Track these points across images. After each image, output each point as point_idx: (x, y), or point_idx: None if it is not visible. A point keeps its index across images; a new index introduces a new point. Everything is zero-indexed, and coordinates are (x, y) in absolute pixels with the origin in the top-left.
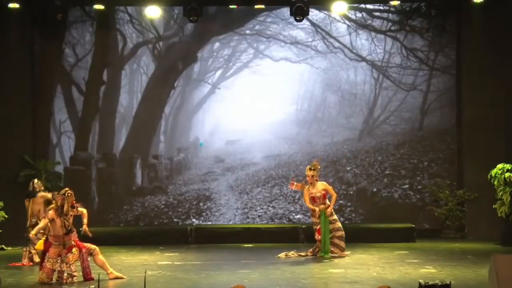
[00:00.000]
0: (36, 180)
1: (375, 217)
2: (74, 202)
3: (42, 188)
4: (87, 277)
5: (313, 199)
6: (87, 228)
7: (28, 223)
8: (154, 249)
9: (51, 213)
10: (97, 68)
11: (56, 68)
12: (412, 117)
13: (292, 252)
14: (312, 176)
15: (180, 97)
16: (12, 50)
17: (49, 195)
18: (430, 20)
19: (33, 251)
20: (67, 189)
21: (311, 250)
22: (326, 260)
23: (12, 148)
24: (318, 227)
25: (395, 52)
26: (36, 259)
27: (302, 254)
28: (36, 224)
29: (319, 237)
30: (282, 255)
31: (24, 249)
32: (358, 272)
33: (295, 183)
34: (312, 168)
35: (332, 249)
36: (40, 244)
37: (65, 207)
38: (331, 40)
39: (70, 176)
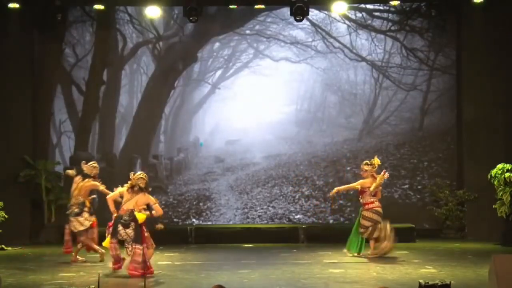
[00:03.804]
0: (93, 164)
1: None
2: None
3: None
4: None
5: (361, 192)
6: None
7: (73, 200)
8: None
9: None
10: (97, 68)
11: (56, 68)
12: (412, 117)
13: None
14: (366, 170)
15: (180, 97)
16: (12, 50)
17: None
18: (430, 20)
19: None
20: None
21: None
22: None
23: (12, 148)
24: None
25: (395, 52)
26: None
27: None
28: (83, 203)
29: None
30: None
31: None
32: (358, 272)
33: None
34: (369, 163)
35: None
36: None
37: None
38: (331, 40)
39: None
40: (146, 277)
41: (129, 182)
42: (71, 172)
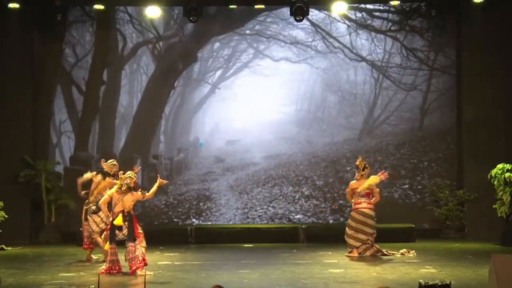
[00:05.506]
0: (112, 162)
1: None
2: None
3: (115, 170)
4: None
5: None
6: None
7: (91, 198)
8: (154, 249)
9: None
10: (97, 68)
11: (56, 68)
12: (412, 117)
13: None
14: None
15: (180, 97)
16: (12, 50)
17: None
18: (430, 20)
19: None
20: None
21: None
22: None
23: (12, 148)
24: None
25: (395, 52)
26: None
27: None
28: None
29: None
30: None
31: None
32: (358, 272)
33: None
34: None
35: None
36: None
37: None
38: (331, 40)
39: (70, 176)
40: (144, 274)
41: (118, 182)
42: (90, 175)
